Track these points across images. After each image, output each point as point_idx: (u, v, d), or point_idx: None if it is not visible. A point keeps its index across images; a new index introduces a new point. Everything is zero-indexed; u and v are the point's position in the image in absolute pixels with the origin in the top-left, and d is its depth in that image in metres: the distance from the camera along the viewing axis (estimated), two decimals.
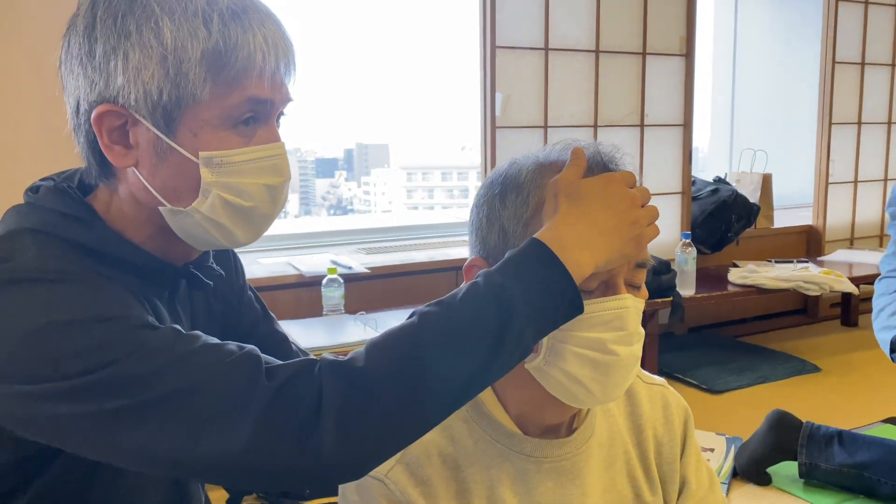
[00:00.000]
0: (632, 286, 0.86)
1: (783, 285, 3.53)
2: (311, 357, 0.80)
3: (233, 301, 1.10)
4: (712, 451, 2.55)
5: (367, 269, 3.06)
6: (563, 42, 3.46)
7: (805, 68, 4.74)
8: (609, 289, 0.84)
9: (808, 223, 4.46)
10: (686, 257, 3.43)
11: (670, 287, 3.29)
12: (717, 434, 2.67)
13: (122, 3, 0.81)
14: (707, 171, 4.99)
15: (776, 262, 3.94)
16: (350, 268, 3.02)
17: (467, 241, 0.92)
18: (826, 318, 4.36)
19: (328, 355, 0.78)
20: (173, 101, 0.81)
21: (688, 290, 3.40)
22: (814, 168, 4.44)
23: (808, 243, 4.44)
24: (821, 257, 4.27)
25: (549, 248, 0.77)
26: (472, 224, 0.91)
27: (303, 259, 3.17)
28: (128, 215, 0.88)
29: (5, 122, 2.47)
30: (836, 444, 2.31)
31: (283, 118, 0.91)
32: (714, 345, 3.85)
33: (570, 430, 0.95)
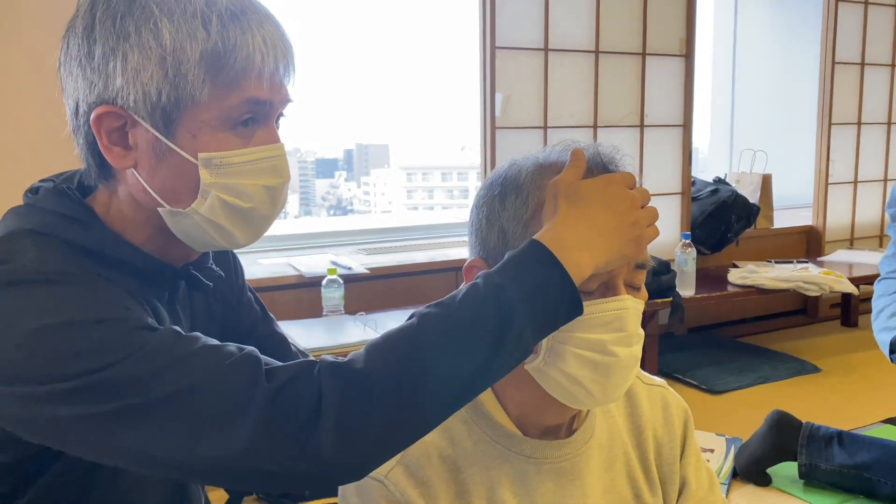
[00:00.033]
0: (631, 287, 0.86)
1: (783, 286, 3.53)
2: (311, 358, 0.80)
3: (232, 302, 1.10)
4: (712, 451, 2.55)
5: (367, 269, 3.06)
6: (563, 42, 3.46)
7: (805, 69, 4.74)
8: (609, 290, 0.84)
9: (807, 223, 4.46)
10: (686, 258, 3.43)
11: (670, 287, 3.29)
12: (716, 434, 2.67)
13: (121, 5, 0.81)
14: (707, 171, 4.99)
15: (776, 262, 3.94)
16: (350, 268, 3.02)
17: (467, 242, 0.92)
18: (826, 319, 4.36)
19: (328, 357, 0.78)
20: (172, 102, 0.81)
21: (688, 290, 3.40)
22: (813, 168, 4.44)
23: (808, 244, 4.44)
24: (821, 258, 4.27)
25: (549, 250, 0.77)
26: (472, 225, 0.91)
27: (303, 260, 3.17)
28: (127, 216, 0.88)
29: (5, 122, 2.47)
30: (836, 444, 2.31)
31: (283, 119, 0.91)
32: (714, 345, 3.85)
33: (569, 432, 0.95)
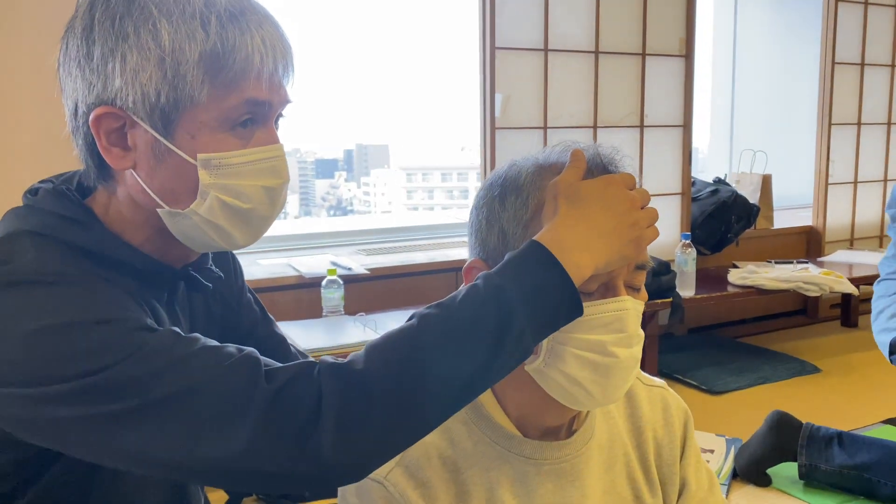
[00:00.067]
0: (631, 288, 0.86)
1: (783, 286, 3.53)
2: (311, 359, 0.80)
3: (232, 303, 1.10)
4: (712, 452, 2.55)
5: (367, 270, 3.06)
6: (563, 43, 3.46)
7: (805, 69, 4.74)
8: (609, 291, 0.84)
9: (807, 224, 4.46)
10: (686, 258, 3.43)
11: (670, 288, 3.29)
12: (716, 435, 2.66)
13: (119, 6, 0.81)
14: (707, 171, 4.99)
15: (776, 262, 3.94)
16: (350, 269, 3.02)
17: (467, 243, 0.92)
18: (826, 319, 4.35)
19: (327, 358, 0.78)
20: (171, 102, 0.81)
21: (687, 290, 3.40)
22: (813, 169, 4.44)
23: (808, 244, 4.44)
24: (820, 258, 4.27)
25: (549, 251, 0.77)
26: (472, 226, 0.90)
27: (302, 260, 3.17)
28: (126, 217, 0.88)
29: (4, 123, 2.47)
30: (836, 445, 2.31)
31: (282, 119, 0.91)
32: (714, 346, 3.85)
33: (569, 432, 0.95)
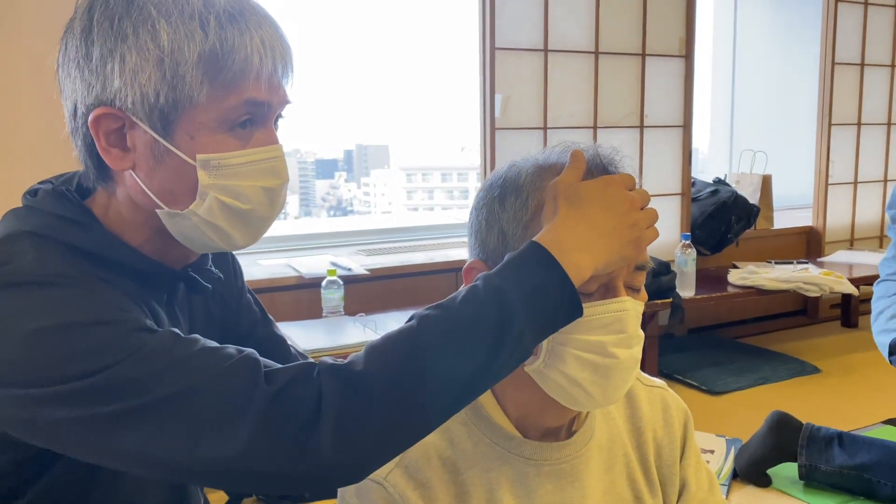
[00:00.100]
0: (631, 289, 0.86)
1: (783, 286, 3.53)
2: (310, 361, 0.80)
3: (231, 304, 1.10)
4: (712, 452, 2.55)
5: (367, 270, 3.06)
6: (563, 43, 3.46)
7: (804, 69, 4.74)
8: (609, 291, 0.84)
9: (807, 224, 4.46)
10: (686, 258, 3.42)
11: (670, 288, 3.29)
12: (717, 435, 2.66)
13: (118, 6, 0.81)
14: (707, 172, 4.98)
15: (776, 263, 3.94)
16: (349, 269, 3.01)
17: (467, 243, 0.92)
18: (826, 320, 4.35)
19: (327, 359, 0.78)
20: (170, 103, 0.81)
21: (687, 291, 3.40)
22: (813, 169, 4.43)
23: (808, 244, 4.44)
24: (821, 258, 4.27)
25: (549, 251, 0.77)
26: (472, 227, 0.90)
27: (302, 261, 3.17)
28: (126, 218, 0.88)
29: (4, 124, 2.47)
30: (836, 445, 2.30)
31: (282, 120, 0.91)
32: (714, 346, 3.85)
33: (569, 433, 0.95)
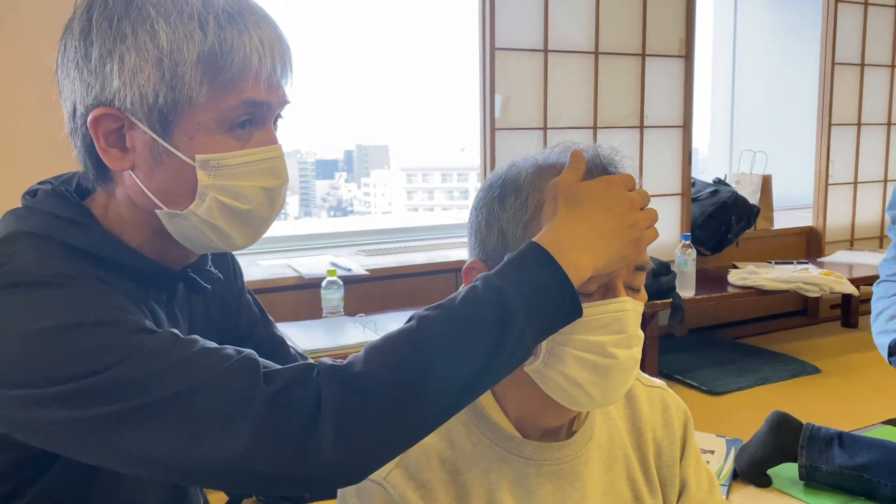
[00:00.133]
0: (631, 289, 0.86)
1: (783, 287, 3.53)
2: (310, 361, 0.80)
3: (231, 304, 1.10)
4: (712, 452, 2.55)
5: (367, 270, 3.06)
6: (563, 43, 3.46)
7: (804, 69, 4.74)
8: (608, 292, 0.84)
9: (807, 224, 4.46)
10: (686, 259, 3.42)
11: (670, 289, 3.29)
12: (717, 436, 2.66)
13: (117, 7, 0.81)
14: (707, 172, 4.98)
15: (776, 263, 3.94)
16: (349, 270, 3.01)
17: (466, 243, 0.92)
18: (826, 320, 4.35)
19: (326, 359, 0.78)
20: (169, 103, 0.81)
21: (687, 291, 3.40)
22: (813, 169, 4.43)
23: (808, 244, 4.44)
24: (821, 258, 4.27)
25: (548, 252, 0.77)
26: (472, 227, 0.90)
27: (302, 261, 3.17)
28: (125, 219, 0.88)
29: (4, 124, 2.47)
30: (837, 445, 2.30)
31: (282, 120, 0.91)
32: (714, 346, 3.85)
33: (569, 433, 0.95)
